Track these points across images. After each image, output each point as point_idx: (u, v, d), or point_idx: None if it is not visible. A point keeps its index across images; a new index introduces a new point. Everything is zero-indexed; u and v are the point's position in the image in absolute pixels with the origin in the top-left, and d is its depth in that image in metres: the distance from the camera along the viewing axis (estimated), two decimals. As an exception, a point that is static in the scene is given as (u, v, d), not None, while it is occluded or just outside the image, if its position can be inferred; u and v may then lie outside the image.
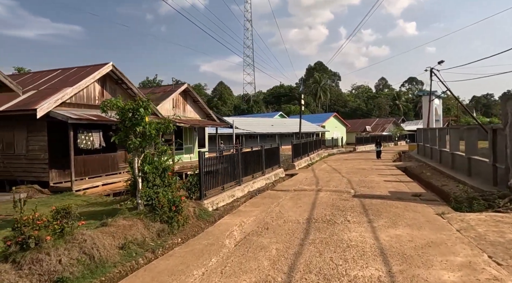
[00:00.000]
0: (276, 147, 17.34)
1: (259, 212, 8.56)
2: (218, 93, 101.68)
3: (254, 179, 13.47)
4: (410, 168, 18.37)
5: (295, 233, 6.44)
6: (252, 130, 40.49)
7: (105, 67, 12.93)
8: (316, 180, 14.17)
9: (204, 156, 9.33)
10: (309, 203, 9.38)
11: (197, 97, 21.34)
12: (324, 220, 7.36)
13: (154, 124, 6.91)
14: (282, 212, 8.44)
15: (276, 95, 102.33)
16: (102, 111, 6.42)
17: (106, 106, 6.42)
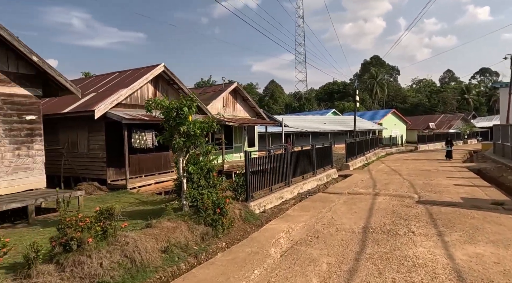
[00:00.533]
0: (328, 146, 16.40)
1: (308, 218, 7.92)
2: (269, 92, 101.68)
3: (304, 180, 12.79)
4: (485, 170, 16.09)
5: (349, 245, 5.71)
6: (304, 128, 39.47)
7: (157, 68, 13.28)
8: (373, 183, 13.00)
9: (251, 156, 8.95)
10: (365, 209, 8.48)
11: (247, 96, 21.18)
12: (384, 231, 6.48)
13: (198, 123, 6.69)
14: (334, 218, 7.70)
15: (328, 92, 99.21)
16: (147, 110, 6.37)
17: (150, 106, 6.35)
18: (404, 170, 17.12)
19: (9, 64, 8.46)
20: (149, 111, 6.34)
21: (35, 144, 8.99)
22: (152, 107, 6.30)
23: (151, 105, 6.34)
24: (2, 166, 8.27)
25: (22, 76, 8.70)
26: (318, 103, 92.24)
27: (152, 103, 6.34)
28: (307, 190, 12.44)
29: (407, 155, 28.39)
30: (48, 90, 9.51)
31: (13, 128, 8.51)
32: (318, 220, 7.60)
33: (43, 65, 8.74)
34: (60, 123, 12.79)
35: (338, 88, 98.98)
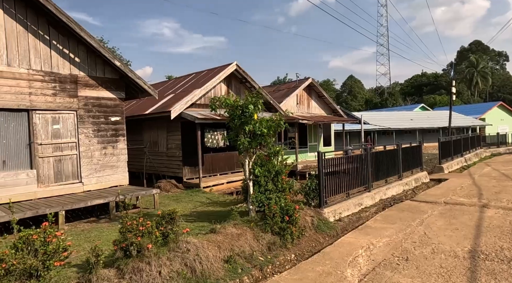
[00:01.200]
0: (417, 146, 14.32)
1: (394, 232, 6.71)
2: (347, 88, 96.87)
3: (387, 185, 11.28)
4: None
5: (452, 276, 4.47)
6: (386, 125, 36.13)
7: (229, 67, 13.26)
8: (478, 190, 10.76)
9: (324, 157, 8.07)
10: (470, 225, 6.84)
11: (322, 92, 20.02)
12: (502, 258, 4.97)
13: (265, 122, 6.15)
14: (428, 235, 6.34)
15: (416, 85, 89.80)
16: (212, 109, 6.09)
17: (214, 104, 6.05)
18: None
19: (97, 69, 9.19)
20: (213, 109, 6.06)
21: (119, 144, 9.63)
22: (216, 105, 6.00)
23: (215, 104, 6.05)
24: (91, 164, 9.03)
25: (108, 80, 9.38)
26: (404, 98, 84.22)
27: (217, 101, 6.03)
28: (391, 196, 10.93)
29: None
30: (129, 92, 10.13)
31: (100, 129, 9.24)
32: (406, 236, 6.35)
33: (125, 69, 9.28)
34: (144, 124, 13.73)
35: (428, 81, 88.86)
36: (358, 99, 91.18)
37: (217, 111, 6.11)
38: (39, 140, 8.10)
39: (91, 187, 8.98)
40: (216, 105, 5.99)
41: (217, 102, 6.01)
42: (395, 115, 43.85)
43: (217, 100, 6.01)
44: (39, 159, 8.09)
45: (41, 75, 8.11)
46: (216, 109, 6.00)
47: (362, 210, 9.11)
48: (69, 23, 8.05)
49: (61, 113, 8.52)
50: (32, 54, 7.97)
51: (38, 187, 8.06)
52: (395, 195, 11.15)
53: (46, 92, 8.18)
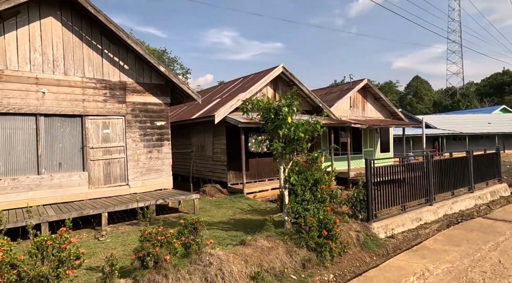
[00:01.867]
0: (493, 153, 12.31)
1: (458, 256, 5.61)
2: (412, 90, 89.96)
3: (454, 198, 9.79)
4: None
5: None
6: (457, 130, 32.41)
7: (275, 70, 12.87)
8: None
9: (373, 165, 7.19)
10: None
11: (379, 94, 18.52)
12: None
13: (301, 126, 5.60)
14: (504, 264, 5.15)
15: (496, 85, 79.73)
16: (243, 112, 5.74)
17: (246, 106, 5.68)
18: None
19: (144, 76, 9.51)
20: (245, 112, 5.70)
21: (163, 148, 9.83)
22: (248, 108, 5.63)
23: (247, 106, 5.68)
24: (138, 167, 9.33)
25: (154, 86, 9.66)
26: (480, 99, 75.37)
27: (248, 104, 5.66)
28: (459, 211, 9.43)
29: None
30: (175, 97, 10.33)
31: (146, 133, 9.52)
32: (474, 263, 5.24)
33: (169, 74, 9.46)
34: (192, 128, 14.01)
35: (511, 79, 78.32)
36: (425, 101, 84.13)
37: (249, 114, 5.74)
38: (91, 144, 8.59)
39: (137, 189, 9.26)
40: (248, 108, 5.62)
41: (249, 105, 5.64)
42: (469, 118, 39.18)
43: (249, 102, 5.65)
44: (90, 162, 8.57)
45: (94, 82, 8.62)
46: (248, 111, 5.64)
47: (420, 227, 7.95)
48: (118, 32, 8.43)
49: (111, 118, 8.95)
50: (86, 63, 8.51)
51: (89, 188, 8.52)
52: (464, 210, 9.61)
53: (97, 98, 8.66)
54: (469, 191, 10.66)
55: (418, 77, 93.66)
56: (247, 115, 5.82)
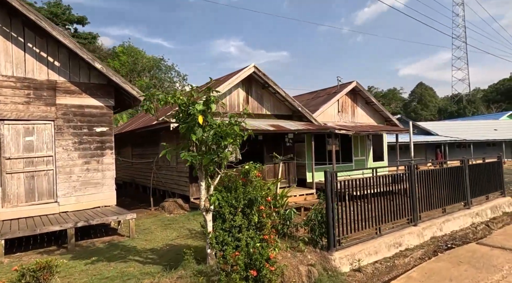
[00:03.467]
0: (494, 162, 10.73)
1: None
2: (416, 96, 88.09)
3: (446, 216, 8.25)
4: None
5: None
6: (460, 137, 30.66)
7: (245, 70, 11.54)
8: None
9: (334, 178, 5.75)
10: None
11: (370, 97, 17.06)
12: None
13: (214, 130, 4.22)
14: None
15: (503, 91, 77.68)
16: (145, 111, 4.38)
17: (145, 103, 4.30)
18: None
19: (80, 74, 8.25)
20: (147, 111, 4.33)
21: (105, 158, 8.50)
22: (151, 106, 4.23)
23: (146, 103, 4.29)
24: (70, 180, 7.99)
25: (93, 86, 8.38)
26: (487, 105, 73.34)
27: (147, 99, 4.27)
28: (451, 233, 7.87)
29: None
30: (122, 100, 9.05)
31: (82, 141, 8.20)
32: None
33: (107, 72, 8.18)
34: (157, 136, 12.69)
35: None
36: (430, 108, 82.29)
37: (153, 114, 4.38)
38: (7, 154, 7.27)
39: (69, 207, 7.91)
40: (150, 106, 4.25)
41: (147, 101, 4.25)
42: (473, 124, 37.36)
43: (150, 96, 4.26)
44: (6, 175, 7.25)
45: (12, 81, 7.36)
46: (151, 110, 4.27)
47: (399, 254, 6.43)
48: (38, 22, 7.20)
49: (36, 124, 7.65)
50: (2, 58, 7.27)
51: (4, 207, 7.18)
52: (457, 231, 8.05)
53: (17, 100, 7.39)
54: (465, 207, 9.09)
55: (422, 84, 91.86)
56: (152, 115, 4.45)
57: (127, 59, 44.30)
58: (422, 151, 32.07)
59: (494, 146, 33.16)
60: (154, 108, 4.29)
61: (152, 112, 4.31)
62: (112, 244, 6.84)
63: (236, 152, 10.37)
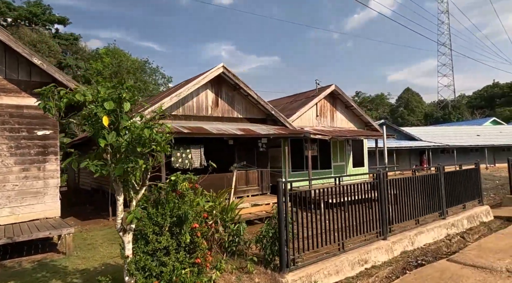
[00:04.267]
0: (472, 169, 10.27)
1: None
2: (403, 102, 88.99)
3: (419, 227, 7.67)
4: None
5: None
6: (444, 142, 30.57)
7: (213, 70, 10.85)
8: None
9: (287, 187, 5.07)
10: None
11: (350, 102, 16.58)
12: None
13: (129, 134, 3.51)
14: None
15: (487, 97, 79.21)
16: (44, 111, 3.65)
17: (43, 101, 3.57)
18: None
19: (19, 71, 7.44)
20: (45, 111, 3.60)
21: (48, 164, 7.66)
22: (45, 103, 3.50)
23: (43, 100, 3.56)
24: (4, 190, 7.12)
25: (35, 84, 7.56)
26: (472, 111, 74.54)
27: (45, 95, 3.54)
28: (423, 246, 7.29)
29: None
30: (71, 101, 8.24)
31: (20, 145, 7.36)
32: None
33: (48, 68, 7.38)
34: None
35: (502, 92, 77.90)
36: (417, 113, 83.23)
37: (53, 114, 3.67)
38: None
39: (2, 220, 7.03)
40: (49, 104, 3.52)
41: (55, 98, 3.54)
42: (457, 130, 37.48)
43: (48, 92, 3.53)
44: None
45: None
46: (51, 110, 3.54)
47: (364, 273, 5.78)
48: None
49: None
50: None
51: None
52: (431, 243, 7.47)
53: None
54: (440, 217, 8.54)
55: (409, 89, 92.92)
56: (52, 115, 3.72)
57: (110, 61, 43.24)
58: (406, 157, 31.88)
59: (477, 151, 33.23)
60: (54, 107, 3.55)
61: (52, 112, 3.58)
62: (42, 264, 6.01)
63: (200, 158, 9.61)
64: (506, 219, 9.88)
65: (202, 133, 9.21)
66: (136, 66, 47.02)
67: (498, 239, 7.34)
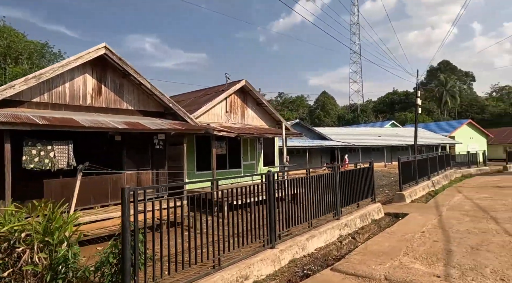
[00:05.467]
0: (366, 168, 10.50)
1: None
2: (320, 104, 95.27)
3: (312, 230, 7.23)
4: None
5: None
6: (350, 142, 32.87)
7: (91, 51, 8.92)
8: (445, 242, 6.87)
9: (137, 196, 3.88)
10: None
11: (261, 99, 16.13)
12: None
13: None
14: None
15: (388, 103, 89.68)
16: None
17: None
18: (500, 208, 10.34)
19: None
20: None
21: None
22: None
23: None
24: None
25: None
26: (376, 115, 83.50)
27: None
28: (314, 251, 6.84)
29: (496, 178, 20.38)
30: None
31: None
32: None
33: None
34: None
35: (400, 98, 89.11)
36: (331, 115, 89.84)
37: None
38: None
39: None
40: None
41: None
42: (362, 131, 41.00)
43: None
44: None
45: None
46: None
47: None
48: None
49: None
50: None
51: None
52: (323, 247, 7.08)
53: None
54: (335, 218, 8.33)
55: (325, 93, 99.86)
56: None
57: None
58: (318, 156, 33.49)
59: (378, 151, 36.68)
60: None
61: None
62: None
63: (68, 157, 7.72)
64: (394, 215, 10.31)
65: (68, 125, 7.39)
66: (31, 48, 40.59)
67: (384, 238, 7.32)
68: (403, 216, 9.91)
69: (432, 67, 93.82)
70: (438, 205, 11.60)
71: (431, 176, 17.25)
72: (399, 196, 12.87)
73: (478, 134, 46.67)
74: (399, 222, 9.15)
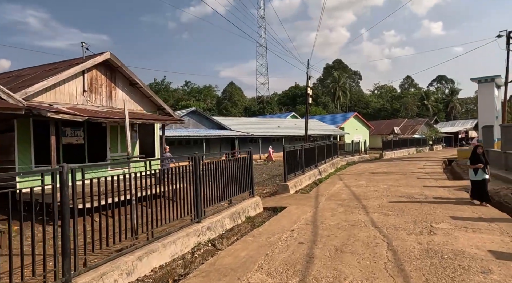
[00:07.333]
0: (243, 158, 9.18)
1: None
2: (228, 94, 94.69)
3: (153, 243, 5.35)
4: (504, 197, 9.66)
5: None
6: (250, 132, 32.37)
7: None
8: (310, 244, 5.86)
9: None
10: None
11: (135, 79, 13.48)
12: None
13: None
14: None
15: (291, 96, 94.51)
16: None
17: None
18: (372, 195, 10.32)
19: None
20: None
21: None
22: None
23: None
24: None
25: None
26: (280, 107, 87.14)
27: None
28: (148, 274, 5.00)
29: (373, 165, 22.11)
30: None
31: None
32: None
33: None
34: None
35: (301, 92, 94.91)
36: (239, 106, 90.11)
37: None
38: None
39: None
40: None
41: None
42: (263, 121, 41.29)
43: None
44: None
45: None
46: None
47: None
48: None
49: None
50: None
51: None
52: (167, 264, 5.29)
53: None
54: (194, 221, 6.66)
55: (232, 84, 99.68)
56: None
57: None
58: (217, 146, 32.11)
59: (278, 141, 37.33)
60: None
61: None
62: None
63: None
64: (273, 209, 9.31)
65: None
66: None
67: (245, 244, 5.96)
68: (280, 210, 8.94)
69: (328, 64, 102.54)
70: (318, 194, 11.14)
71: (319, 165, 17.37)
72: (284, 187, 12.12)
73: (362, 126, 52.20)
74: (272, 218, 8.05)
